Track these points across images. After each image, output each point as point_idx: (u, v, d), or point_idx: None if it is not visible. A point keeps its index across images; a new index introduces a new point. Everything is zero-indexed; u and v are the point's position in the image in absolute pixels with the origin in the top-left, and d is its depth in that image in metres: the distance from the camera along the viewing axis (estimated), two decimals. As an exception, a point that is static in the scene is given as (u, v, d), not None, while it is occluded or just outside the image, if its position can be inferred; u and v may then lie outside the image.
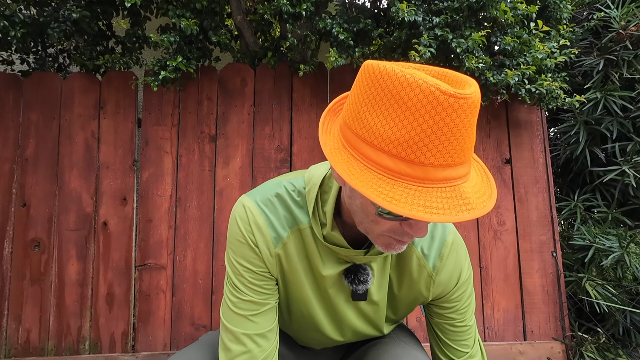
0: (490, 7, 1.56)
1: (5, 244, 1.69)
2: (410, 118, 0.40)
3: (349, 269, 0.64)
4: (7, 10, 1.59)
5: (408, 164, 0.41)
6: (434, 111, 0.39)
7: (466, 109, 0.39)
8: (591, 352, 1.70)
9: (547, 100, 1.72)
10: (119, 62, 1.76)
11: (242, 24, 1.81)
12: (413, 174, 0.41)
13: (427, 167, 0.41)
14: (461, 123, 0.40)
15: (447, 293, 0.68)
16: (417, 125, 0.40)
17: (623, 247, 1.72)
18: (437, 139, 0.40)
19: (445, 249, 0.65)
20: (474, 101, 0.40)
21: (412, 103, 0.40)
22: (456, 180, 0.42)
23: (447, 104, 0.39)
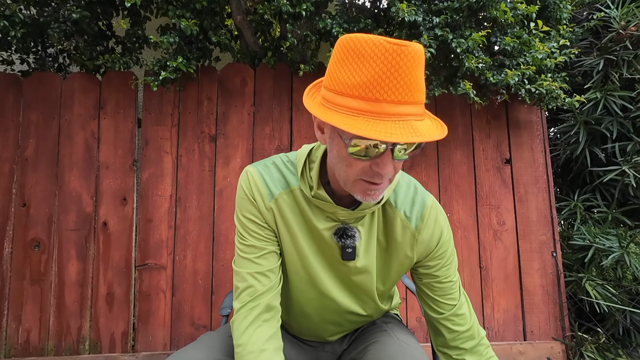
0: (490, 7, 1.56)
1: (5, 244, 1.69)
2: (367, 65, 0.53)
3: (338, 229, 0.72)
4: (7, 10, 1.59)
5: (368, 102, 0.53)
6: (385, 57, 0.52)
7: (409, 54, 0.52)
8: (591, 352, 1.70)
9: (547, 100, 1.72)
10: (119, 62, 1.76)
11: (242, 24, 1.81)
12: (372, 109, 0.53)
13: (383, 103, 0.52)
14: (406, 66, 0.52)
15: (430, 252, 0.76)
16: (372, 70, 0.52)
17: (623, 247, 1.72)
18: (388, 78, 0.52)
19: (425, 211, 0.74)
20: (414, 49, 0.53)
21: (367, 54, 0.53)
22: (408, 116, 0.53)
23: (393, 50, 0.52)
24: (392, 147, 0.55)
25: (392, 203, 0.74)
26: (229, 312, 1.06)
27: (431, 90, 1.63)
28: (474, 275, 1.83)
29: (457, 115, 1.93)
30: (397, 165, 0.61)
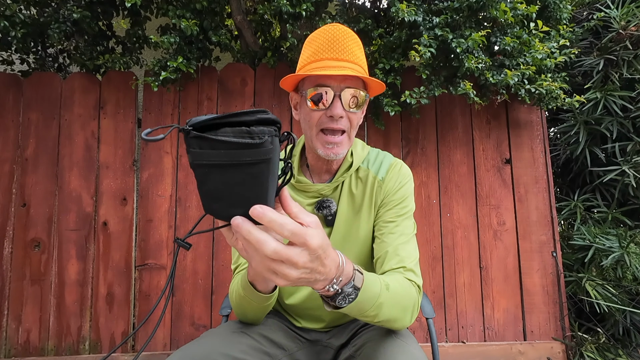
0: (490, 7, 1.56)
1: (5, 244, 1.69)
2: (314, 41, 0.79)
3: (317, 202, 0.87)
4: (7, 10, 1.60)
5: (316, 62, 0.76)
6: (327, 31, 0.77)
7: (341, 30, 0.77)
8: (591, 352, 1.70)
9: (547, 100, 1.72)
10: (119, 62, 1.76)
11: (242, 24, 1.81)
12: (320, 65, 0.75)
13: (325, 60, 0.76)
14: (340, 35, 0.76)
15: (390, 193, 0.88)
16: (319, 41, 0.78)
17: (623, 247, 1.72)
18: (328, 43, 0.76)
19: (390, 168, 0.90)
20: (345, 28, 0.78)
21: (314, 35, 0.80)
22: (347, 68, 0.75)
23: (330, 27, 0.78)
24: (339, 93, 0.75)
25: (365, 167, 0.90)
26: (229, 312, 1.06)
27: (431, 90, 1.63)
28: (474, 275, 1.83)
29: (457, 115, 1.93)
30: (351, 116, 0.78)
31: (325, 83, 0.75)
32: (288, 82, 0.81)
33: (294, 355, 0.89)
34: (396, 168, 0.90)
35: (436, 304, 1.80)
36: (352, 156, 0.88)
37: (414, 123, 1.90)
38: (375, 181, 0.89)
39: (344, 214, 0.88)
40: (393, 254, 0.80)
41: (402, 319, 0.72)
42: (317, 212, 0.87)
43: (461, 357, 1.75)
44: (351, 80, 0.76)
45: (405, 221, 0.86)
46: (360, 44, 0.80)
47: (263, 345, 0.83)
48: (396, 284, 0.71)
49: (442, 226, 1.85)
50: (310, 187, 0.86)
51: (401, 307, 0.70)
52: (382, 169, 0.90)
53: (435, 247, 1.83)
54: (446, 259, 1.83)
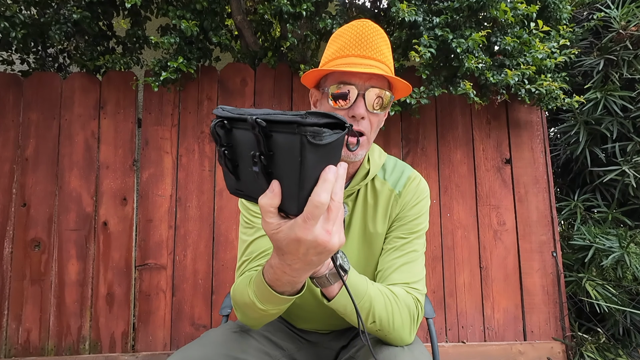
0: (490, 7, 1.56)
1: (5, 244, 1.69)
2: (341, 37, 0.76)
3: None
4: (7, 11, 1.60)
5: (342, 57, 0.74)
6: (354, 27, 0.74)
7: (371, 27, 0.74)
8: (591, 352, 1.70)
9: (547, 100, 1.72)
10: (120, 63, 1.76)
11: (242, 24, 1.81)
12: (346, 62, 0.73)
13: (351, 57, 0.73)
14: (366, 34, 0.73)
15: (405, 209, 0.84)
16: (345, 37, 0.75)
17: (623, 247, 1.72)
18: (355, 40, 0.73)
19: (408, 181, 0.86)
20: (374, 25, 0.75)
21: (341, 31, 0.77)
22: (374, 67, 0.72)
23: (359, 23, 0.74)
24: (363, 92, 0.71)
25: (381, 178, 0.86)
26: (229, 312, 1.06)
27: (431, 90, 1.63)
28: (474, 275, 1.83)
29: (457, 115, 1.93)
30: (372, 118, 0.75)
31: (350, 81, 0.72)
32: (309, 78, 0.78)
33: (294, 355, 0.89)
34: (414, 183, 0.86)
35: (436, 304, 1.80)
36: (369, 163, 0.83)
37: (414, 123, 1.90)
38: (392, 194, 0.85)
39: (359, 224, 0.84)
40: (398, 271, 0.78)
41: (400, 329, 0.69)
42: None
43: (461, 357, 1.75)
44: (377, 79, 0.72)
45: (416, 239, 0.83)
46: (388, 43, 0.76)
47: (263, 345, 0.83)
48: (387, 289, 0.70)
49: (442, 226, 1.85)
50: None
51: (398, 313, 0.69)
52: (400, 182, 0.86)
53: (435, 247, 1.83)
54: (446, 259, 1.83)
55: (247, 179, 0.50)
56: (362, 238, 0.84)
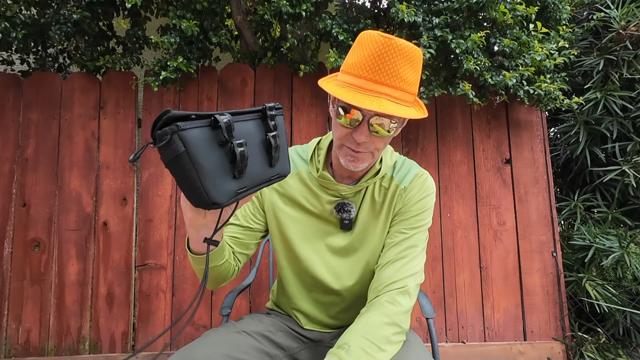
0: (490, 9, 1.56)
1: (5, 244, 1.69)
2: (362, 50, 0.69)
3: (338, 204, 0.85)
4: (8, 11, 1.60)
5: (356, 77, 0.68)
6: (374, 46, 0.67)
7: (393, 46, 0.66)
8: (591, 352, 1.70)
9: (546, 101, 1.72)
10: (120, 63, 1.76)
11: (242, 24, 1.81)
12: (357, 84, 0.68)
13: (363, 80, 0.67)
14: (388, 55, 0.66)
15: (409, 203, 0.85)
16: (363, 54, 0.68)
17: (623, 247, 1.72)
18: (371, 61, 0.67)
19: (415, 178, 0.87)
20: (401, 44, 0.66)
21: (365, 42, 0.69)
22: (383, 95, 0.67)
23: (381, 41, 0.66)
24: (368, 118, 0.69)
25: (390, 175, 0.87)
26: (229, 312, 1.07)
27: (431, 91, 1.63)
28: (474, 275, 1.83)
29: (457, 115, 1.93)
30: (377, 140, 0.73)
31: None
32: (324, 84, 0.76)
33: (295, 355, 0.89)
34: (421, 179, 0.87)
35: (436, 304, 1.80)
36: (381, 163, 0.85)
37: (414, 123, 1.90)
38: (397, 189, 0.86)
39: (364, 222, 0.86)
40: (391, 267, 0.79)
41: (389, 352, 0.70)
42: (335, 213, 0.85)
43: (461, 357, 1.75)
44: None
45: (417, 235, 0.83)
46: (415, 62, 0.69)
47: (264, 345, 0.83)
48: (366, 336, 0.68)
49: (442, 226, 1.85)
50: (332, 185, 0.83)
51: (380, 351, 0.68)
52: (407, 178, 0.87)
53: (435, 247, 1.83)
54: (446, 259, 1.83)
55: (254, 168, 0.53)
56: (366, 233, 0.86)
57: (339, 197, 0.85)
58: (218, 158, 0.48)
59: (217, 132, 0.47)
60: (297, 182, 0.88)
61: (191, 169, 0.45)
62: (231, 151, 0.49)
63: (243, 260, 0.89)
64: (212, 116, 0.47)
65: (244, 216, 0.90)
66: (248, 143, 0.51)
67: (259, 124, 0.56)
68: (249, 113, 0.54)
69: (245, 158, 0.50)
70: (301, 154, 0.91)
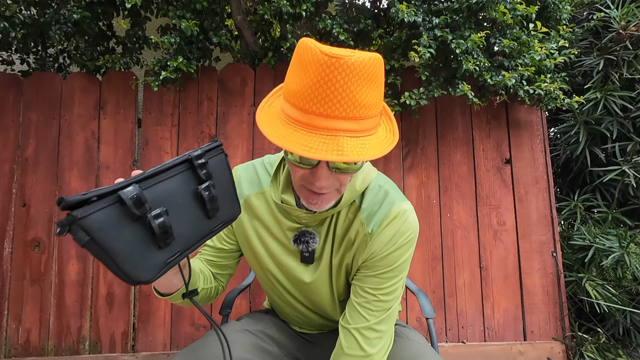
0: (490, 9, 1.56)
1: (5, 244, 1.69)
2: (303, 74, 0.51)
3: (297, 234, 0.72)
4: (7, 11, 1.60)
5: (300, 111, 0.52)
6: (316, 68, 0.50)
7: (341, 67, 0.49)
8: (591, 352, 1.70)
9: (546, 101, 1.72)
10: (119, 63, 1.76)
11: (242, 24, 1.81)
12: (302, 120, 0.52)
13: (312, 115, 0.51)
14: (337, 79, 0.50)
15: (375, 257, 0.69)
16: (306, 79, 0.51)
17: (623, 247, 1.72)
18: (317, 91, 0.50)
19: (386, 219, 0.69)
20: (351, 62, 0.49)
21: (306, 62, 0.51)
22: (339, 132, 0.51)
23: (324, 62, 0.49)
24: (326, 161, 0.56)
25: (358, 205, 0.71)
26: (229, 312, 1.07)
27: (431, 91, 1.63)
28: (474, 275, 1.83)
29: (457, 115, 1.93)
30: (342, 177, 0.59)
31: None
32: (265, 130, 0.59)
33: (296, 354, 0.89)
34: (394, 223, 0.68)
35: (436, 304, 1.80)
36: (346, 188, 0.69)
37: (414, 123, 1.90)
38: (362, 231, 0.69)
39: (327, 254, 0.74)
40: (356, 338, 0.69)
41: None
42: (294, 244, 0.73)
43: (461, 357, 1.75)
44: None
45: (387, 295, 0.69)
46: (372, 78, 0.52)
47: (265, 343, 0.83)
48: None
49: (442, 226, 1.85)
50: (293, 210, 0.70)
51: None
52: (376, 219, 0.69)
53: (435, 247, 1.83)
54: (446, 259, 1.83)
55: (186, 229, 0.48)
56: (331, 269, 0.75)
57: (300, 224, 0.72)
58: (135, 234, 0.42)
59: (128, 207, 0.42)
60: (263, 203, 0.76)
61: (103, 255, 0.40)
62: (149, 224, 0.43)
63: (226, 280, 0.87)
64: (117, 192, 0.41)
65: (218, 237, 0.83)
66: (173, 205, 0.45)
67: (188, 175, 0.48)
68: (172, 168, 0.46)
69: (167, 228, 0.44)
70: (268, 169, 0.78)
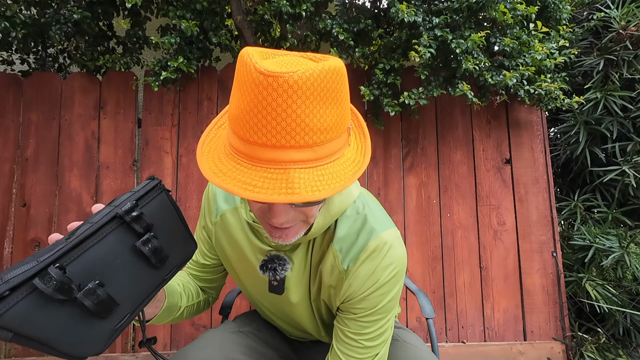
0: (490, 8, 1.56)
1: (5, 244, 1.69)
2: (241, 96, 0.42)
3: (265, 260, 0.64)
4: (7, 11, 1.60)
5: (242, 141, 0.43)
6: (256, 89, 0.40)
7: (281, 87, 0.39)
8: (591, 352, 1.70)
9: (546, 101, 1.72)
10: (120, 63, 1.76)
11: (242, 24, 1.81)
12: (245, 151, 0.43)
13: (254, 146, 0.42)
14: (277, 102, 0.39)
15: (353, 298, 0.61)
16: (244, 102, 0.41)
17: (623, 247, 1.72)
18: (257, 116, 0.40)
19: (363, 254, 0.59)
20: (290, 81, 0.39)
21: (243, 81, 0.41)
22: (289, 163, 0.42)
23: (260, 82, 0.39)
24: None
25: (332, 234, 0.62)
26: (228, 312, 1.07)
27: (430, 91, 1.63)
28: (474, 275, 1.83)
29: (457, 115, 1.93)
30: (305, 210, 0.51)
31: None
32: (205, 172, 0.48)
33: (291, 356, 0.89)
34: (372, 259, 0.59)
35: (436, 304, 1.80)
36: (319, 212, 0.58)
37: (414, 123, 1.90)
38: (336, 267, 0.61)
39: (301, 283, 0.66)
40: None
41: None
42: (259, 270, 0.65)
43: (461, 357, 1.75)
44: None
45: (372, 341, 0.62)
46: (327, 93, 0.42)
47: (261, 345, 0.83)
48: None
49: (442, 226, 1.85)
50: (264, 231, 0.60)
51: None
52: (352, 253, 0.60)
53: (435, 247, 1.83)
54: (446, 259, 1.83)
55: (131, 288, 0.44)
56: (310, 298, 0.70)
57: (271, 247, 0.64)
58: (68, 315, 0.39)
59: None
60: (237, 220, 0.69)
61: (36, 345, 0.37)
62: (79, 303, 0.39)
63: (216, 291, 0.85)
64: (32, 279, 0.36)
65: (200, 252, 0.80)
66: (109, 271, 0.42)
67: (122, 231, 0.43)
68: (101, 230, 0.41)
69: (105, 300, 0.41)
70: None
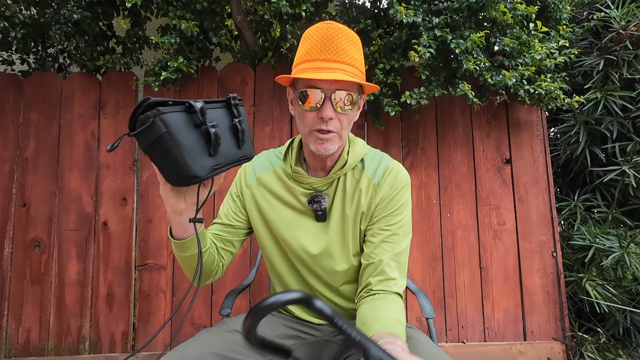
0: (490, 8, 1.56)
1: (5, 244, 1.69)
2: (308, 40, 0.78)
3: (311, 196, 0.88)
4: (7, 11, 1.60)
5: (310, 62, 0.76)
6: (322, 32, 0.76)
7: (336, 29, 0.76)
8: (591, 352, 1.70)
9: (547, 100, 1.72)
10: (120, 63, 1.76)
11: (242, 25, 1.81)
12: (312, 66, 0.75)
13: (317, 61, 0.75)
14: (331, 36, 0.75)
15: (385, 200, 0.87)
16: (312, 40, 0.77)
17: (623, 247, 1.72)
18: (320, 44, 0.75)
19: (387, 171, 0.89)
20: (340, 27, 0.77)
21: (308, 34, 0.79)
22: (337, 70, 0.74)
23: (324, 27, 0.76)
24: (329, 95, 0.75)
25: (360, 167, 0.90)
26: (229, 312, 1.07)
27: (431, 91, 1.63)
28: (474, 275, 1.83)
29: (457, 115, 1.93)
30: (342, 118, 0.78)
31: (316, 85, 0.75)
32: (284, 78, 0.82)
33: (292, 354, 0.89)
34: (393, 172, 0.89)
35: (436, 304, 1.80)
36: (349, 155, 0.88)
37: (414, 123, 1.90)
38: (370, 184, 0.88)
39: (338, 212, 0.89)
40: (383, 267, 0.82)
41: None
42: (308, 205, 0.88)
43: (461, 357, 1.75)
44: (342, 82, 0.76)
45: (399, 229, 0.86)
46: (356, 43, 0.78)
47: None
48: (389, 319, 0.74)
49: (442, 226, 1.85)
50: (305, 178, 0.87)
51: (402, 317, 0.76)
52: (379, 172, 0.89)
53: (435, 247, 1.83)
54: (446, 259, 1.83)
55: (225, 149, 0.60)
56: (342, 223, 0.89)
57: (311, 190, 0.88)
58: (195, 138, 0.54)
59: (192, 116, 0.54)
60: (275, 179, 0.93)
61: (173, 147, 0.51)
62: (206, 132, 0.55)
63: (227, 258, 0.92)
64: (187, 102, 0.54)
65: (226, 215, 0.95)
66: (219, 126, 0.57)
67: (225, 112, 0.62)
68: (217, 102, 0.61)
69: (219, 138, 0.56)
70: (277, 155, 0.97)
